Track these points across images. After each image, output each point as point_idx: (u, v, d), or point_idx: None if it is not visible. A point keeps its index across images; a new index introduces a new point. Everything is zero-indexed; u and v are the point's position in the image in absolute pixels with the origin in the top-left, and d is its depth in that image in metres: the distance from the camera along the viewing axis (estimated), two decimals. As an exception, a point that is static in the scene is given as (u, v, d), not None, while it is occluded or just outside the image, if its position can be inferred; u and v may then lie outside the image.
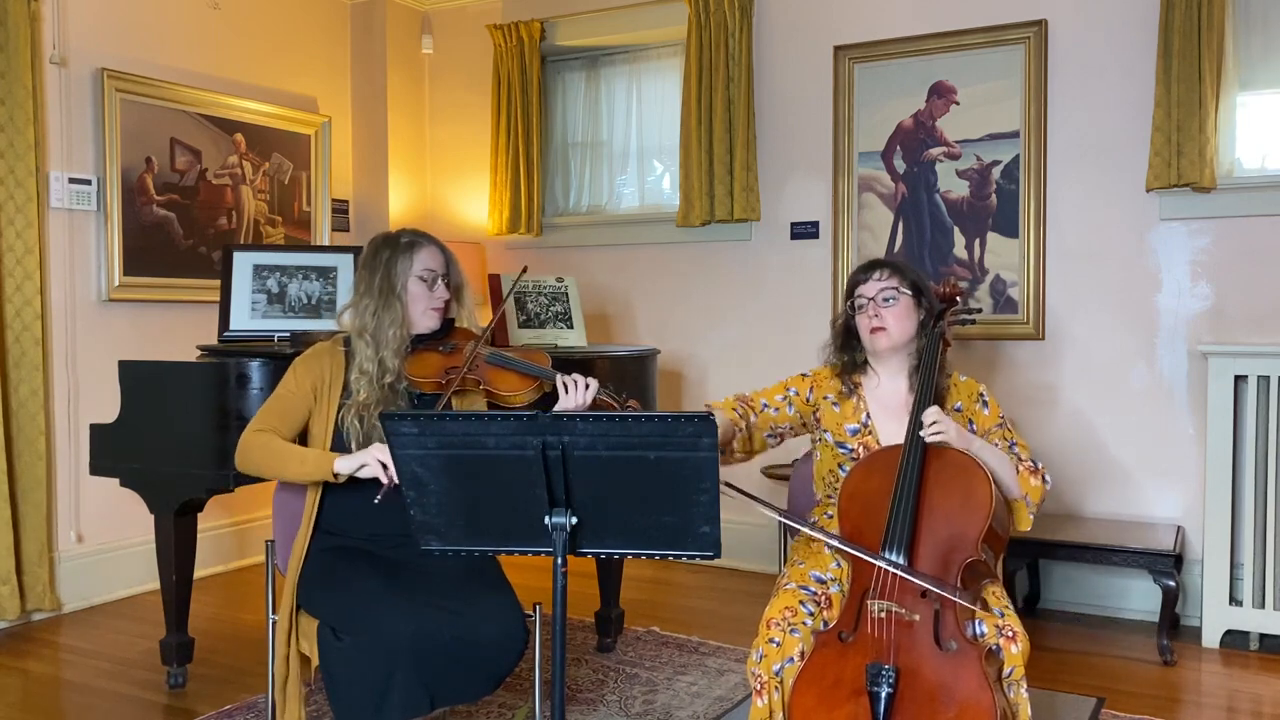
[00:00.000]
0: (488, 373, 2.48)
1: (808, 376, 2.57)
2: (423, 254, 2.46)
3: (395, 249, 2.45)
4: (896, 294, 2.44)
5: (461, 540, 1.89)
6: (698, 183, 4.53)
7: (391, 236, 2.51)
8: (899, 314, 2.44)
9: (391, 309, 2.40)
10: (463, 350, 2.48)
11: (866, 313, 2.45)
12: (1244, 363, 3.49)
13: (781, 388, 2.55)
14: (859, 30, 4.35)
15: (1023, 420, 4.02)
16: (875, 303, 2.44)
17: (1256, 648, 3.52)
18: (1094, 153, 3.93)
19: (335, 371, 2.43)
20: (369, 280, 2.43)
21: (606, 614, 3.50)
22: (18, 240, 3.77)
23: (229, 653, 3.52)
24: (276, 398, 2.43)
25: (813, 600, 2.23)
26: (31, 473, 3.81)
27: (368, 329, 2.39)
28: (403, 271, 2.42)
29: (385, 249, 2.46)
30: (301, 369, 2.44)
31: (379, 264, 2.43)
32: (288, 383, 2.43)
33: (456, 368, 2.43)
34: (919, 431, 2.25)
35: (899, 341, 2.45)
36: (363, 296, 2.43)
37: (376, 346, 2.38)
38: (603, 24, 4.94)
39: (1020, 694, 2.08)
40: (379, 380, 2.36)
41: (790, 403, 2.52)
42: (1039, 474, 2.37)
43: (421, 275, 2.44)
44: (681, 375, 4.82)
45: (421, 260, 2.45)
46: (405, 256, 2.44)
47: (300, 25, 5.06)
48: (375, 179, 5.33)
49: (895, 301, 2.44)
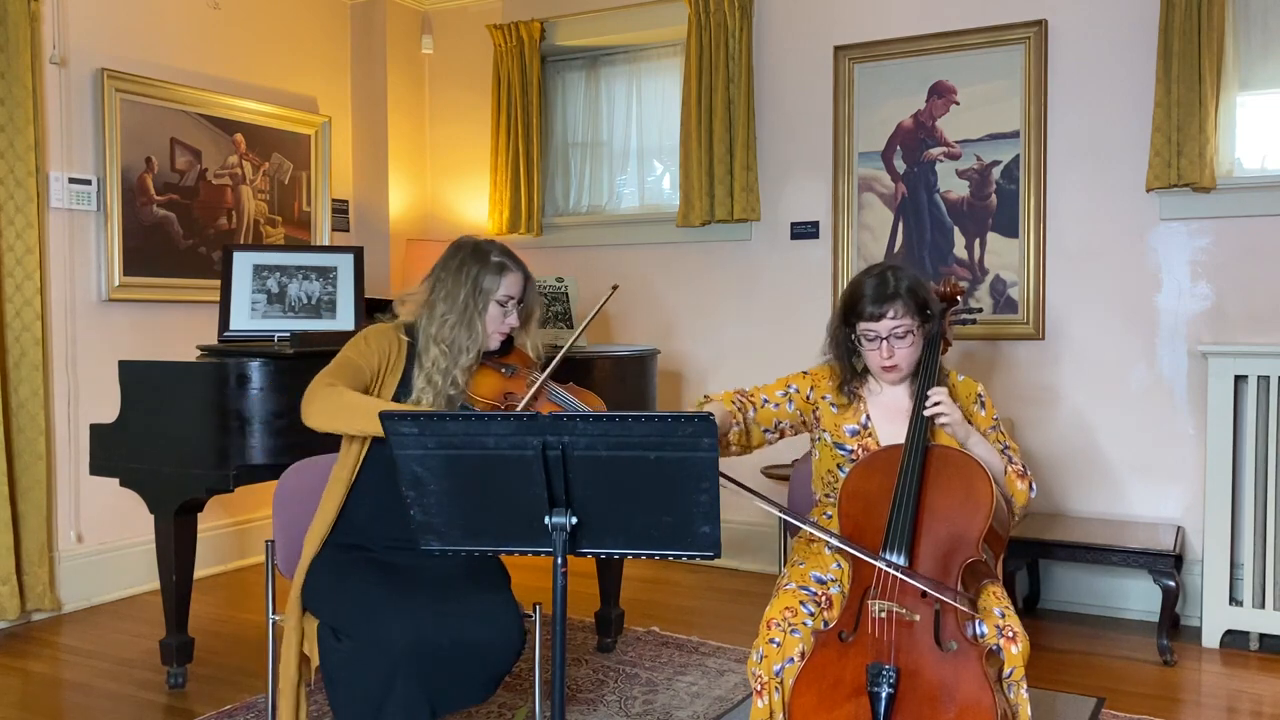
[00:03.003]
0: (545, 408, 2.47)
1: (807, 375, 2.55)
2: (509, 279, 2.44)
3: (484, 266, 2.42)
4: (910, 331, 2.36)
5: (461, 540, 1.89)
6: (698, 183, 4.53)
7: (481, 250, 2.46)
8: (911, 349, 2.38)
9: (472, 328, 2.38)
10: (521, 376, 2.48)
11: (879, 351, 2.38)
12: (1244, 363, 3.49)
13: (782, 384, 2.53)
14: (859, 30, 4.35)
15: (1023, 420, 4.02)
16: (888, 343, 2.36)
17: (1256, 648, 3.52)
18: (1094, 153, 3.93)
19: (397, 360, 2.42)
20: (453, 291, 2.40)
21: (606, 614, 3.50)
22: (18, 240, 3.77)
23: (229, 653, 3.52)
24: (347, 360, 2.38)
25: (813, 600, 2.23)
26: (31, 473, 3.81)
27: (444, 339, 2.37)
28: (488, 291, 2.41)
29: (474, 263, 2.42)
30: (373, 341, 2.41)
31: (466, 278, 2.40)
32: (359, 348, 2.40)
33: (515, 394, 2.43)
34: (922, 405, 2.25)
35: (909, 373, 2.43)
36: (441, 303, 2.39)
37: (454, 361, 2.37)
38: (603, 24, 4.94)
39: (1020, 694, 2.08)
40: (443, 392, 2.36)
41: (790, 399, 2.50)
42: (1026, 479, 2.37)
43: (501, 300, 2.43)
44: (681, 375, 4.82)
45: (506, 286, 2.43)
46: (493, 277, 2.41)
47: (300, 25, 5.06)
48: (375, 179, 5.33)
49: (909, 336, 2.36)
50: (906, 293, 2.34)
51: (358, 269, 3.53)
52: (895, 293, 2.34)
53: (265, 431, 2.98)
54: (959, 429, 2.30)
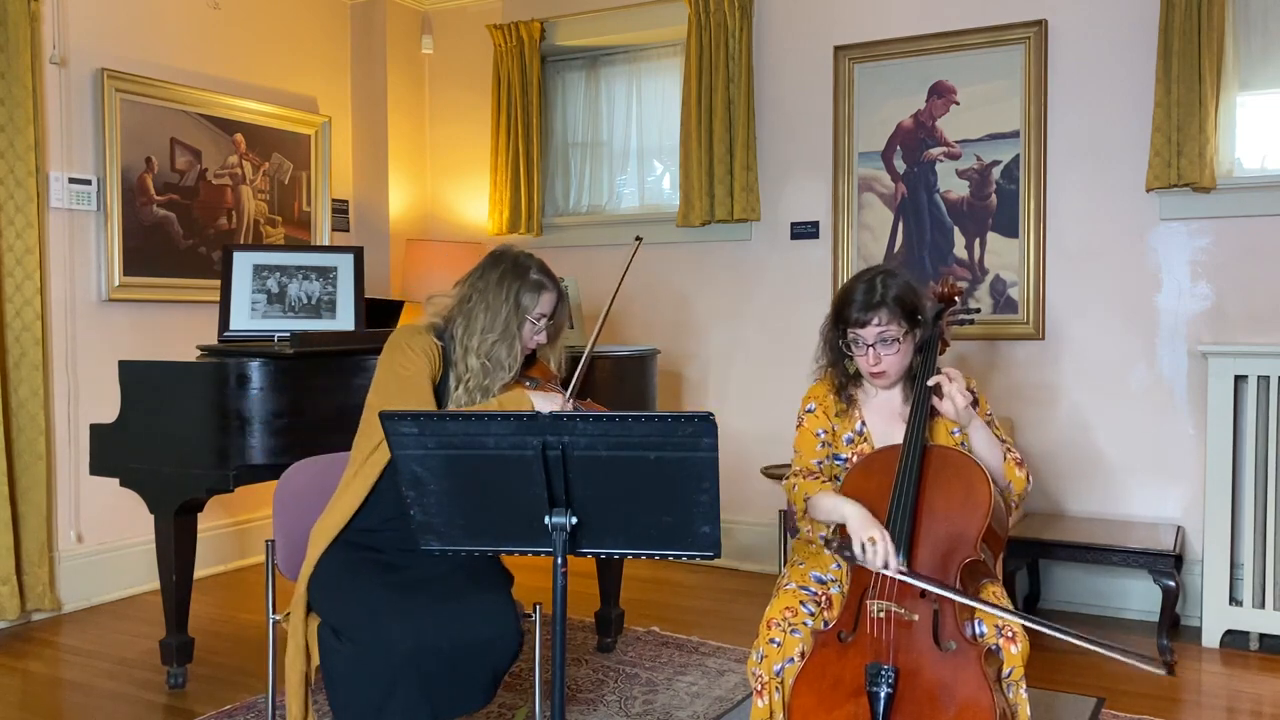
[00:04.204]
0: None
1: (815, 412, 2.48)
2: (545, 298, 2.43)
3: (524, 283, 2.41)
4: (896, 339, 2.35)
5: (461, 540, 1.89)
6: (698, 183, 4.53)
7: (521, 265, 2.44)
8: (898, 355, 2.36)
9: (511, 346, 2.38)
10: (545, 389, 2.47)
11: (866, 357, 2.37)
12: (1244, 363, 3.49)
13: (813, 439, 2.45)
14: (859, 30, 4.35)
15: (1023, 420, 4.02)
16: (875, 349, 2.35)
17: (1256, 648, 3.52)
18: (1094, 153, 3.93)
19: (438, 365, 2.40)
20: (494, 306, 2.38)
21: (606, 614, 3.50)
22: (18, 240, 3.77)
23: (229, 653, 3.52)
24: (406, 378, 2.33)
25: (813, 600, 2.24)
26: (31, 473, 3.81)
27: (485, 353, 2.36)
28: (525, 308, 2.40)
29: (514, 280, 2.41)
30: (417, 345, 2.37)
31: (508, 295, 2.39)
32: (409, 361, 2.35)
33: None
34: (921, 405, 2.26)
35: (898, 379, 2.42)
36: (481, 315, 2.37)
37: (494, 379, 2.36)
38: (602, 24, 4.94)
39: (1020, 694, 2.08)
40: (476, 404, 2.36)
41: (827, 444, 2.45)
42: (1024, 469, 2.36)
43: (535, 319, 2.43)
44: (681, 375, 4.82)
45: (543, 304, 2.43)
46: (532, 295, 2.41)
47: (300, 25, 5.06)
48: (375, 179, 5.33)
49: (896, 344, 2.35)
50: (894, 301, 2.32)
51: (358, 269, 3.54)
52: (882, 300, 2.32)
53: (265, 431, 2.98)
54: (963, 412, 2.28)
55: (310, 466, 2.58)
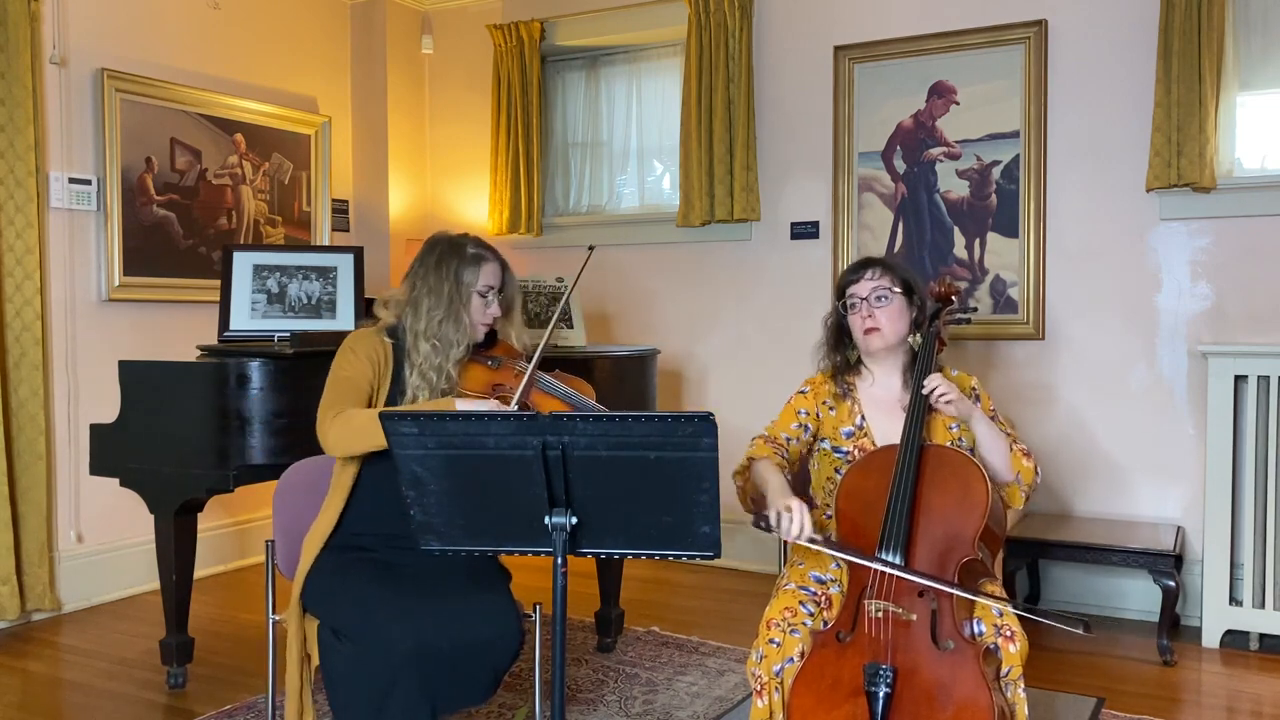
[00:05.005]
0: (535, 396, 2.47)
1: (806, 393, 2.53)
2: (487, 269, 2.46)
3: (462, 260, 2.44)
4: (889, 293, 2.44)
5: (461, 540, 1.89)
6: (698, 183, 4.53)
7: (457, 244, 2.48)
8: (892, 313, 2.43)
9: (459, 321, 2.40)
10: (507, 367, 2.49)
11: (860, 313, 2.45)
12: (1244, 363, 3.49)
13: (792, 414, 2.50)
14: (859, 30, 4.35)
15: (1022, 420, 4.02)
16: (868, 302, 2.44)
17: (1256, 648, 3.52)
18: (1094, 153, 3.93)
19: (386, 364, 2.42)
20: (435, 287, 2.41)
21: (606, 614, 3.50)
22: (18, 240, 3.77)
23: (229, 653, 3.53)
24: (343, 379, 2.38)
25: (813, 600, 2.24)
26: (31, 473, 3.81)
27: (433, 334, 2.38)
28: (468, 284, 2.42)
29: (452, 258, 2.44)
30: (360, 349, 2.41)
31: (447, 274, 2.41)
32: (350, 361, 2.39)
33: (503, 385, 2.43)
34: (919, 405, 2.27)
35: (892, 341, 2.45)
36: (426, 299, 2.40)
37: (446, 356, 2.38)
38: (602, 24, 4.94)
39: (1018, 693, 2.08)
40: (438, 387, 2.37)
41: (804, 426, 2.48)
42: (1031, 459, 2.39)
43: (481, 291, 2.44)
44: (681, 375, 4.83)
45: (485, 276, 2.45)
46: (471, 269, 2.43)
47: (300, 25, 5.06)
48: (375, 179, 5.33)
49: (888, 300, 2.43)
50: (887, 264, 2.51)
51: (358, 269, 3.54)
52: (874, 260, 2.53)
53: (265, 431, 2.98)
54: (962, 406, 2.31)
55: (310, 466, 2.59)
